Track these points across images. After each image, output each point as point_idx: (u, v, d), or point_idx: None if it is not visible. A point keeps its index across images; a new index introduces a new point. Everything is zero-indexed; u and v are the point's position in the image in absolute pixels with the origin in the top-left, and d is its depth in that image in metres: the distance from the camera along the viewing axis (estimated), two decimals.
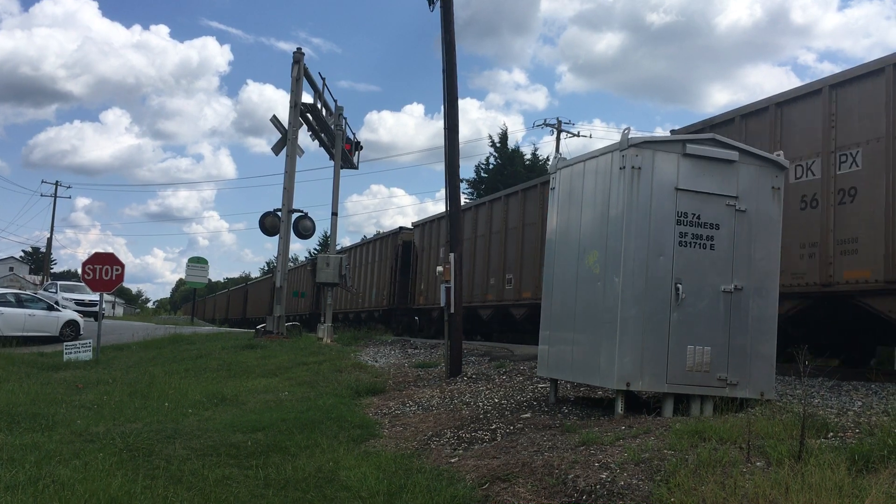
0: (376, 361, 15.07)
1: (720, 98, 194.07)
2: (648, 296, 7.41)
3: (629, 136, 7.58)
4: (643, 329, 7.37)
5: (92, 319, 25.81)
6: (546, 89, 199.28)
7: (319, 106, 22.48)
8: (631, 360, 7.33)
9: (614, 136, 70.06)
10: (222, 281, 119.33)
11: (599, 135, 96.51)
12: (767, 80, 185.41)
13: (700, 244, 7.57)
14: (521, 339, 17.62)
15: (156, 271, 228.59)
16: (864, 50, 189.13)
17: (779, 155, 8.09)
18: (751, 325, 7.65)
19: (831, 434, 6.05)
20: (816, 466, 4.86)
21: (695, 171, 7.62)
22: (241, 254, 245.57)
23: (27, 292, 29.45)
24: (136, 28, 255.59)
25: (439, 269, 12.67)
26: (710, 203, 7.64)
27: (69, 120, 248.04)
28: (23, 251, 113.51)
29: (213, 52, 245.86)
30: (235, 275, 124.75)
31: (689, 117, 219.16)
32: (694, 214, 7.58)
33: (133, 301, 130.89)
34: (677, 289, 7.44)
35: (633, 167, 7.49)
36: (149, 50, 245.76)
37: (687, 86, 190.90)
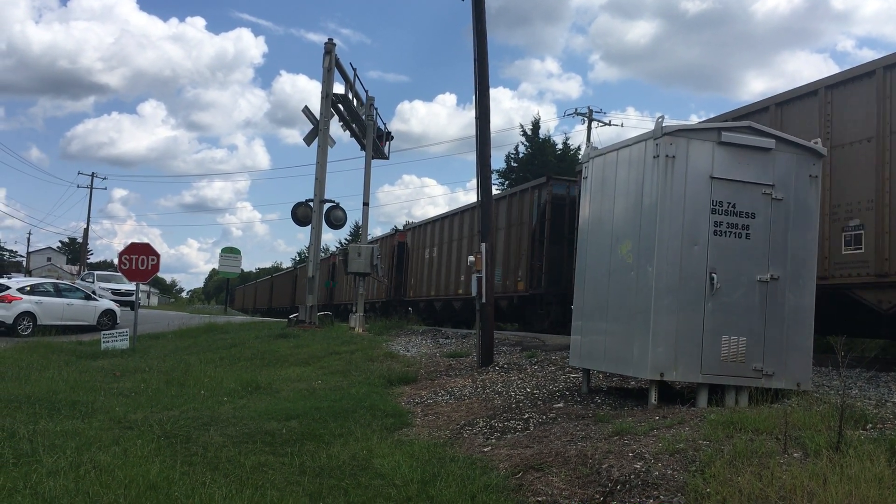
0: (408, 351, 15.13)
1: (756, 85, 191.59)
2: (682, 285, 7.34)
3: (663, 125, 7.50)
4: (677, 319, 7.31)
5: (128, 309, 26.25)
6: (580, 78, 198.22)
7: (350, 96, 22.52)
8: (664, 349, 7.28)
9: (647, 125, 69.42)
10: (255, 271, 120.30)
11: (632, 123, 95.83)
12: (806, 67, 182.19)
13: (735, 233, 7.49)
14: None
15: (190, 261, 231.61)
16: None
17: (816, 142, 7.96)
18: (787, 316, 7.56)
19: (870, 425, 5.97)
20: (855, 458, 4.80)
21: (730, 159, 7.53)
22: (273, 244, 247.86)
23: (65, 282, 29.99)
24: (173, 21, 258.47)
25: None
26: (746, 192, 7.54)
27: (106, 112, 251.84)
28: (60, 241, 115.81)
29: (247, 44, 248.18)
30: (268, 265, 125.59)
31: (724, 105, 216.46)
32: (729, 203, 7.49)
33: (167, 291, 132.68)
34: (712, 278, 7.37)
35: (667, 156, 7.42)
36: (185, 42, 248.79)
37: (722, 73, 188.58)
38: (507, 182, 43.03)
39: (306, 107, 21.63)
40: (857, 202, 9.63)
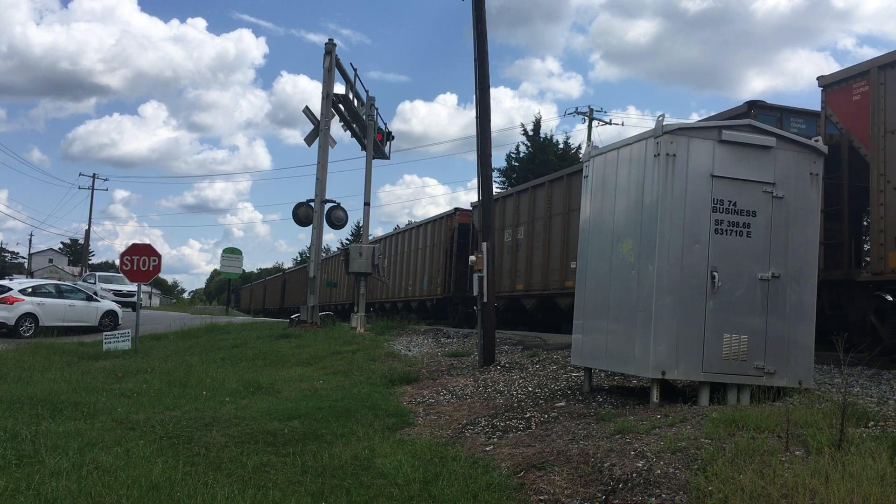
0: (409, 350, 15.13)
1: (757, 84, 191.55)
2: (684, 284, 7.35)
3: (664, 123, 7.50)
4: (678, 317, 7.31)
5: (130, 309, 26.24)
6: (580, 77, 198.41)
7: (351, 96, 22.52)
8: (666, 348, 7.28)
9: (648, 124, 69.42)
10: (256, 272, 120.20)
11: (633, 122, 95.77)
12: (806, 66, 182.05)
13: (736, 231, 7.49)
14: None
15: (191, 262, 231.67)
16: None
17: (817, 140, 7.96)
18: (788, 313, 7.56)
19: (872, 423, 5.97)
20: (857, 455, 4.81)
21: (731, 157, 7.53)
22: (275, 244, 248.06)
23: (67, 283, 29.99)
24: (174, 22, 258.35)
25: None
26: (747, 190, 7.54)
27: (108, 113, 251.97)
28: (62, 243, 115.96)
29: (248, 45, 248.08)
30: (269, 265, 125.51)
31: (724, 103, 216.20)
32: (730, 201, 7.49)
33: (169, 291, 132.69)
34: (713, 276, 7.37)
35: (667, 154, 7.42)
36: (186, 43, 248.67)
37: (723, 72, 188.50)
38: (507, 182, 42.98)
39: (307, 107, 21.65)
40: None
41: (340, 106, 22.33)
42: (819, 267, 9.28)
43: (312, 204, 21.26)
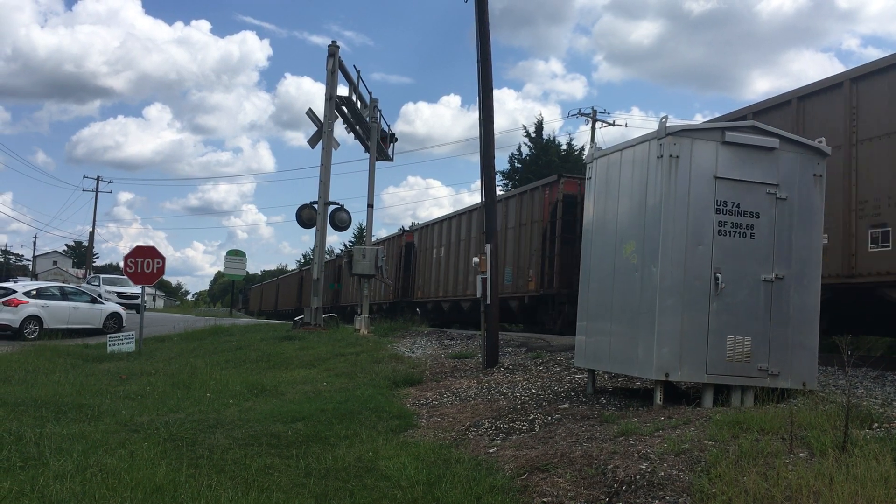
0: (413, 352, 15.13)
1: (761, 85, 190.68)
2: (687, 285, 7.34)
3: (667, 125, 7.50)
4: (682, 319, 7.30)
5: (134, 312, 26.32)
6: (584, 78, 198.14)
7: (354, 98, 22.56)
8: (669, 350, 7.27)
9: (651, 125, 69.33)
10: (259, 273, 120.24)
11: (636, 124, 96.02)
12: (811, 67, 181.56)
13: (740, 233, 7.48)
14: None
15: (195, 264, 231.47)
16: None
17: (821, 142, 7.95)
18: (792, 315, 7.54)
19: (876, 425, 5.95)
20: (861, 457, 4.79)
21: (734, 159, 7.52)
22: (278, 246, 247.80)
23: (71, 285, 30.03)
24: (178, 24, 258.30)
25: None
26: (750, 191, 7.53)
27: (112, 115, 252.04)
28: (66, 245, 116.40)
29: (252, 47, 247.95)
30: (273, 267, 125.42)
31: (728, 105, 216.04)
32: (733, 203, 7.48)
33: (173, 293, 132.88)
34: (716, 278, 7.36)
35: (670, 156, 7.41)
36: (190, 45, 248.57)
37: (727, 73, 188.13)
38: (510, 183, 42.97)
39: (310, 109, 21.68)
40: None
41: (344, 108, 22.36)
42: None
43: (316, 206, 21.30)
